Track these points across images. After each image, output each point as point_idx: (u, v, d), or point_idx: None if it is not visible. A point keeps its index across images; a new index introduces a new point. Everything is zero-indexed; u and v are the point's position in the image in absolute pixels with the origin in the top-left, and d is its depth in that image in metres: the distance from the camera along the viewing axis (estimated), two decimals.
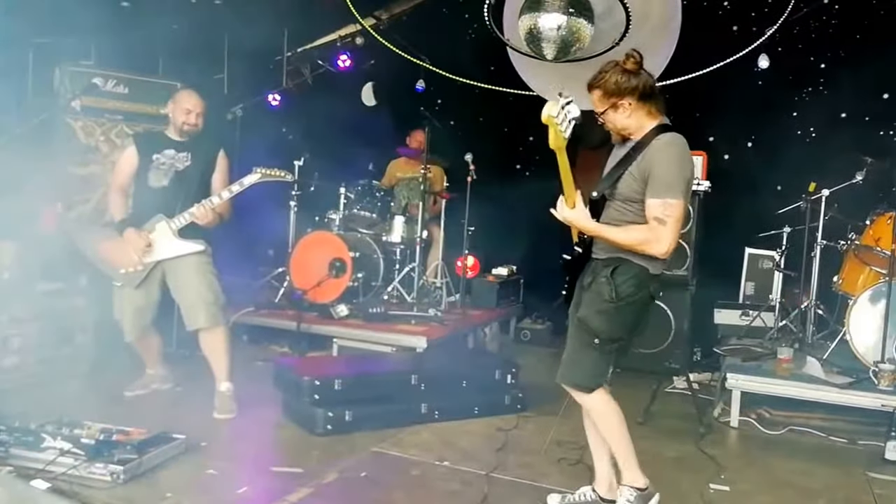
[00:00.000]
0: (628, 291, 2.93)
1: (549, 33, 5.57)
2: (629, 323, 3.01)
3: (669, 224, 2.81)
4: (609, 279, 2.94)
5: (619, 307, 2.94)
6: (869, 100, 6.20)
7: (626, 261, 2.95)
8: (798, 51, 6.44)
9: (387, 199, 6.91)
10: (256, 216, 6.29)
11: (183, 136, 4.48)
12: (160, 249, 4.36)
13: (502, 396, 4.65)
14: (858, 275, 5.36)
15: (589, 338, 2.98)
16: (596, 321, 2.96)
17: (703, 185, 5.86)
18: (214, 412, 4.29)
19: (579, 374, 3.04)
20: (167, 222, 4.34)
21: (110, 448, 3.30)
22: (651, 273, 2.96)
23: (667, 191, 2.82)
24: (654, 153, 2.87)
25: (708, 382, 5.44)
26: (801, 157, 6.07)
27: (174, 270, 4.39)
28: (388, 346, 5.49)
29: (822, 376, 4.61)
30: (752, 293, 6.54)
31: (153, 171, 4.41)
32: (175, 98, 4.52)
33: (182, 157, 4.45)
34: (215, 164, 4.54)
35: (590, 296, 3.01)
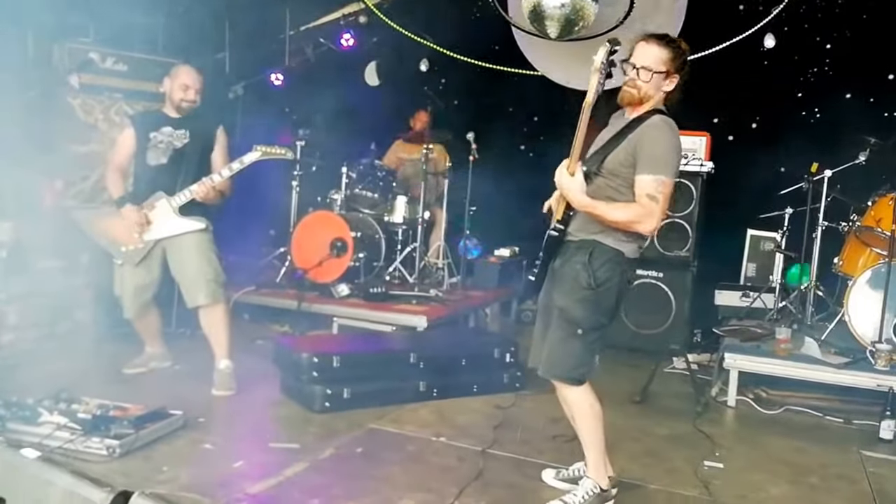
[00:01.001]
0: (606, 276, 2.93)
1: (553, 11, 5.52)
2: (610, 308, 2.99)
3: (660, 202, 2.81)
4: (586, 265, 2.92)
5: (599, 293, 2.93)
6: (874, 80, 6.16)
7: (599, 244, 2.94)
8: (804, 30, 6.38)
9: (389, 179, 6.90)
10: (258, 196, 6.30)
11: (181, 112, 4.46)
12: (160, 227, 4.36)
13: (501, 375, 4.66)
14: (859, 256, 5.35)
15: (572, 328, 2.95)
16: (577, 310, 2.94)
17: (707, 165, 5.84)
18: (213, 389, 4.30)
19: (565, 367, 3.00)
20: (167, 200, 4.34)
21: (107, 423, 3.31)
22: (626, 257, 2.96)
23: (662, 168, 2.82)
24: (649, 130, 2.88)
25: (707, 363, 5.44)
26: (804, 138, 6.04)
27: (174, 248, 4.40)
28: (389, 326, 5.49)
29: (820, 356, 4.62)
30: (754, 274, 6.54)
31: (151, 149, 4.40)
32: (172, 74, 4.48)
33: (180, 134, 4.43)
34: (214, 141, 4.52)
35: (566, 283, 2.99)
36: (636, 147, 2.87)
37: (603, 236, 2.94)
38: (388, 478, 3.27)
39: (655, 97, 2.96)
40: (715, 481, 3.42)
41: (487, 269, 6.96)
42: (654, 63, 2.91)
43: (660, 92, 2.96)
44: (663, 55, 2.92)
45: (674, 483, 3.39)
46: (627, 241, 2.95)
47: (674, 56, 2.93)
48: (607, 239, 2.94)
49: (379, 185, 6.80)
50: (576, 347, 2.97)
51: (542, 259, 3.07)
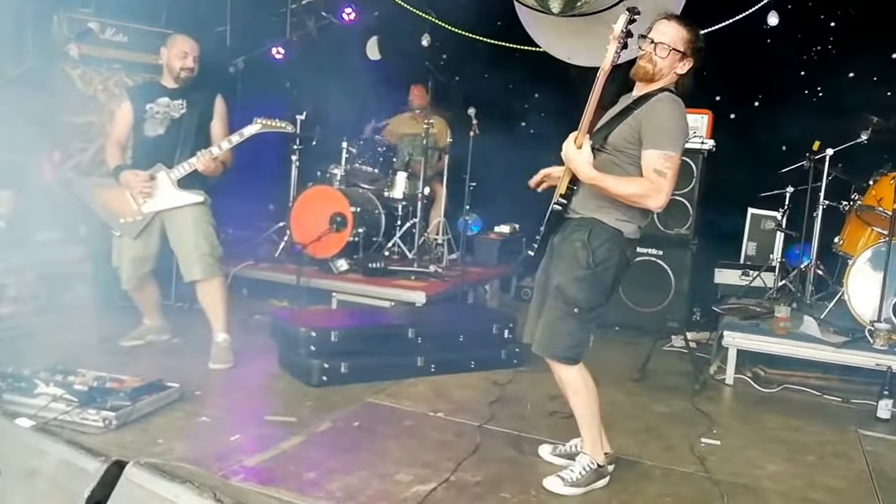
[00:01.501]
0: (604, 255, 2.90)
1: None
2: (608, 288, 2.97)
3: (669, 176, 2.78)
4: (585, 243, 2.90)
5: (597, 272, 2.91)
6: (877, 59, 6.11)
7: (599, 223, 2.92)
8: (808, 8, 6.34)
9: (389, 155, 6.87)
10: (258, 170, 6.27)
11: (179, 82, 4.42)
12: (159, 199, 4.34)
13: (499, 351, 4.66)
14: (860, 235, 5.34)
15: (568, 307, 2.93)
16: (574, 289, 2.92)
17: (708, 143, 5.79)
18: (210, 362, 4.30)
19: (561, 346, 2.98)
20: (166, 172, 4.32)
21: (103, 395, 3.32)
22: (626, 237, 2.93)
23: (669, 143, 2.79)
24: (657, 104, 2.85)
25: (706, 342, 5.43)
26: (807, 117, 5.98)
27: (172, 221, 4.38)
28: (387, 301, 5.50)
29: (819, 335, 4.61)
30: (754, 253, 6.53)
31: (149, 120, 4.37)
32: (168, 44, 4.45)
33: (177, 104, 4.40)
34: (213, 111, 4.49)
35: (564, 261, 2.96)
36: (641, 122, 2.84)
37: (603, 214, 2.92)
38: (384, 452, 3.27)
39: (668, 77, 2.93)
40: (711, 458, 3.42)
41: (487, 245, 6.95)
42: (673, 41, 2.89)
43: (673, 72, 2.93)
44: (683, 34, 2.90)
45: (671, 460, 3.39)
46: (627, 220, 2.92)
47: (692, 38, 2.91)
48: (607, 217, 2.91)
49: (379, 160, 6.77)
50: (571, 326, 2.95)
51: (542, 234, 3.04)
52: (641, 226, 3.00)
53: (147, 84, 4.64)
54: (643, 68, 2.93)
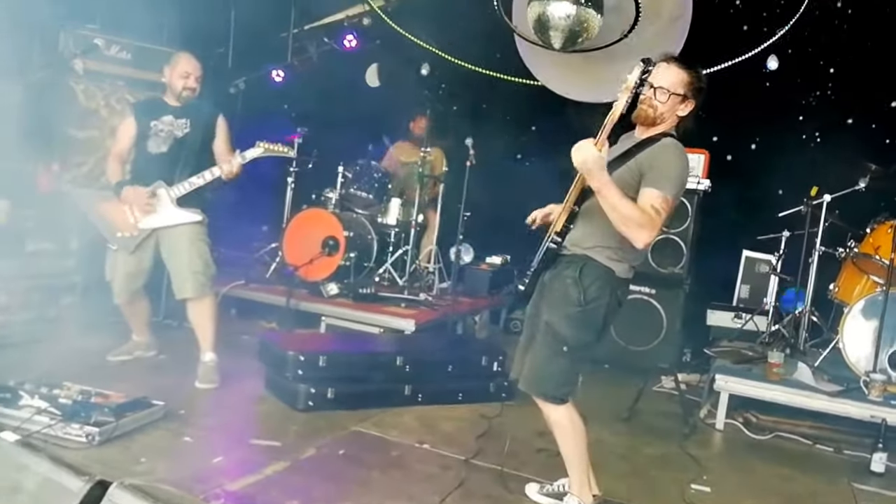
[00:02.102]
0: (595, 294, 2.86)
1: (559, 21, 5.52)
2: (598, 327, 2.92)
3: (662, 218, 2.74)
4: (577, 281, 2.86)
5: (587, 310, 2.86)
6: (876, 107, 6.15)
7: (591, 260, 2.88)
8: (808, 54, 6.36)
9: (384, 181, 6.86)
10: (253, 190, 6.24)
11: (181, 101, 4.43)
12: (158, 216, 4.35)
13: (487, 384, 4.60)
14: (855, 283, 5.31)
15: (558, 345, 2.88)
16: (564, 327, 2.87)
17: (704, 183, 5.80)
18: (196, 381, 4.26)
19: (549, 384, 2.92)
20: (166, 190, 4.33)
21: (87, 410, 3.28)
22: (617, 276, 2.90)
23: (668, 186, 2.76)
24: (661, 149, 2.84)
25: (696, 384, 5.38)
26: (804, 161, 6.02)
27: (168, 238, 4.37)
28: (377, 328, 5.44)
29: (812, 383, 4.57)
30: (747, 296, 6.50)
31: (152, 137, 4.38)
32: (172, 63, 4.46)
33: (181, 123, 4.41)
34: (215, 130, 4.51)
35: (554, 297, 2.92)
36: (643, 166, 2.81)
37: (595, 252, 2.89)
38: (368, 482, 3.21)
39: (669, 120, 2.92)
40: None
41: (478, 276, 6.91)
42: (673, 85, 2.88)
43: (674, 115, 2.92)
44: (683, 78, 2.89)
45: None
46: (619, 260, 2.89)
47: (692, 81, 2.90)
48: (599, 256, 2.88)
49: (374, 186, 6.75)
50: (560, 365, 2.90)
51: (534, 269, 2.99)
52: (633, 265, 2.97)
53: (151, 100, 4.63)
54: (644, 113, 2.91)
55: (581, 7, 5.42)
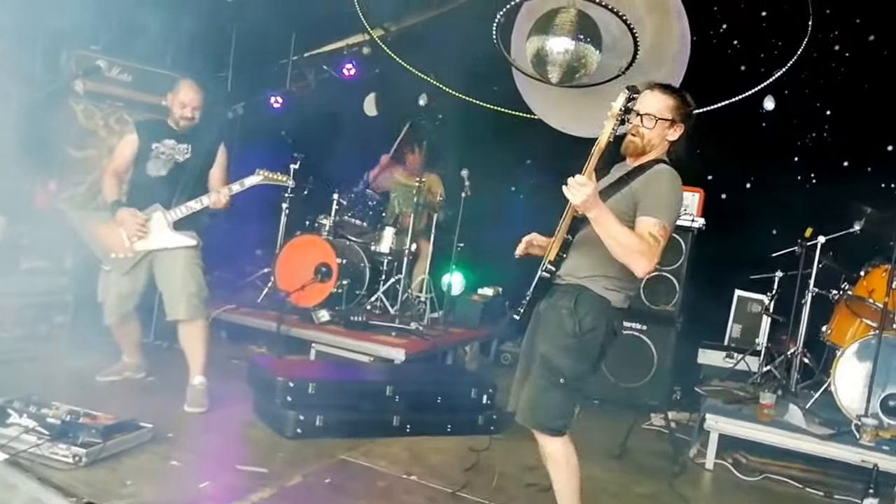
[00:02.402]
0: (591, 324, 2.83)
1: (557, 56, 5.57)
2: (594, 358, 2.89)
3: (661, 245, 2.72)
4: (572, 311, 2.83)
5: (583, 341, 2.83)
6: (872, 150, 6.18)
7: (586, 290, 2.85)
8: (804, 95, 6.42)
9: (379, 209, 6.87)
10: (248, 215, 6.23)
11: (179, 128, 4.45)
12: (153, 239, 4.34)
13: (476, 416, 4.56)
14: (848, 326, 5.29)
15: (554, 377, 2.84)
16: (560, 358, 2.84)
17: (698, 222, 5.81)
18: (185, 405, 4.23)
19: (546, 416, 2.88)
20: (163, 213, 4.34)
21: (75, 430, 3.25)
22: (613, 306, 2.87)
23: (664, 214, 2.75)
24: (654, 175, 2.82)
25: (686, 422, 5.35)
26: (799, 202, 6.04)
27: (162, 260, 4.37)
28: (367, 356, 5.41)
29: (804, 426, 4.53)
30: (739, 336, 6.48)
31: (153, 160, 4.40)
32: (174, 90, 4.49)
33: (182, 148, 4.43)
34: (215, 158, 4.53)
35: (550, 329, 2.89)
36: (637, 193, 2.80)
37: (591, 282, 2.86)
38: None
39: (659, 147, 2.91)
40: None
41: (470, 306, 6.88)
42: (659, 111, 2.88)
43: (664, 141, 2.91)
44: (668, 102, 2.89)
45: None
46: (615, 289, 2.87)
47: (678, 104, 2.90)
48: (595, 286, 2.86)
49: (368, 213, 6.78)
50: (557, 397, 2.86)
51: (528, 300, 2.95)
52: (630, 295, 2.94)
53: (155, 121, 4.63)
54: (632, 143, 2.92)
55: (580, 43, 5.47)
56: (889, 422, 4.51)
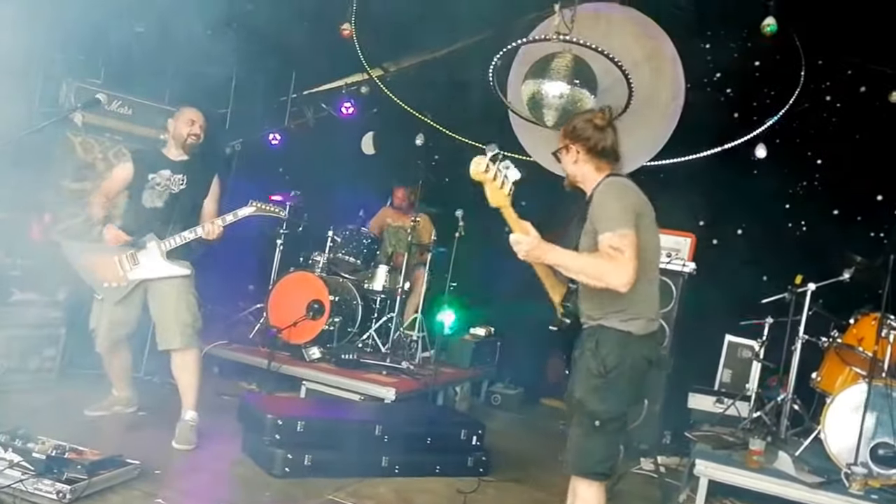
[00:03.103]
0: (615, 361, 2.81)
1: (552, 100, 5.62)
2: (627, 394, 2.85)
3: (628, 253, 2.72)
4: (595, 351, 2.84)
5: (610, 380, 2.80)
6: (862, 200, 6.25)
7: (605, 329, 2.86)
8: (796, 145, 6.52)
9: (373, 247, 6.89)
10: (242, 249, 6.26)
11: (185, 149, 4.51)
12: (147, 268, 4.37)
13: (466, 458, 4.54)
14: (838, 374, 5.30)
15: (590, 421, 2.82)
16: (592, 401, 2.83)
17: (689, 266, 5.85)
18: (174, 441, 4.21)
19: (589, 462, 2.85)
20: (157, 243, 4.36)
21: (61, 466, 3.22)
22: (636, 336, 2.84)
23: (614, 222, 2.77)
24: (596, 196, 2.91)
25: (676, 467, 5.33)
26: (789, 249, 6.10)
27: (155, 289, 4.39)
28: (357, 395, 5.39)
29: (793, 473, 4.52)
30: (729, 381, 6.46)
31: (148, 190, 4.44)
32: (176, 115, 4.57)
33: (178, 178, 4.47)
34: (209, 189, 4.57)
35: (579, 373, 2.90)
36: (592, 219, 2.86)
37: (606, 320, 2.87)
38: None
39: (584, 173, 3.01)
40: None
41: (461, 346, 6.88)
42: (560, 143, 3.04)
43: (586, 165, 3.00)
44: (565, 132, 3.05)
45: None
46: (632, 318, 2.85)
47: (572, 130, 3.02)
48: (611, 322, 2.86)
49: (362, 251, 6.79)
50: (596, 440, 2.84)
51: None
52: (652, 317, 2.90)
53: (151, 152, 4.70)
54: (567, 179, 3.07)
55: (575, 87, 5.53)
56: (878, 471, 4.48)
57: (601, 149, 2.98)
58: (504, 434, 5.43)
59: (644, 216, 2.88)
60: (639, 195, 2.94)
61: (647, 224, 2.88)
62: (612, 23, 5.92)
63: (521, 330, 6.60)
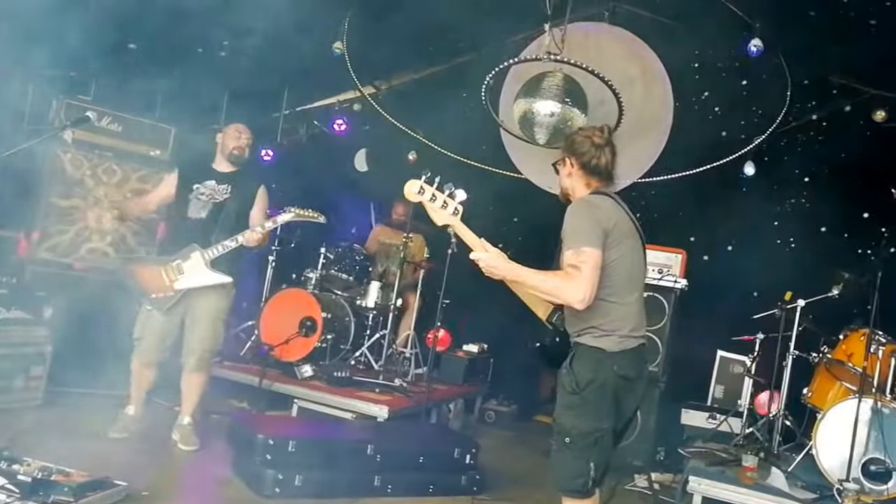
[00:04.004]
0: (588, 377, 2.81)
1: (544, 119, 5.66)
2: (601, 411, 2.83)
3: (585, 271, 2.74)
4: (569, 369, 2.86)
5: (584, 396, 2.80)
6: (849, 217, 6.32)
7: (580, 345, 2.89)
8: (784, 162, 6.60)
9: (365, 264, 6.89)
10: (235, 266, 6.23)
11: (231, 159, 4.62)
12: (191, 277, 4.47)
13: (459, 476, 4.51)
14: (828, 389, 5.32)
15: (561, 438, 2.85)
16: (565, 417, 2.85)
17: (681, 283, 5.87)
18: (179, 444, 4.40)
19: (562, 478, 2.88)
20: (201, 253, 4.45)
21: (47, 488, 3.18)
22: (609, 352, 2.84)
23: (577, 240, 2.80)
24: (566, 215, 2.93)
25: (669, 484, 5.32)
26: (779, 266, 6.12)
27: (195, 307, 4.53)
28: (349, 413, 5.35)
29: (786, 489, 4.53)
30: (721, 396, 6.48)
31: (193, 201, 4.54)
32: (224, 129, 4.73)
33: (222, 189, 4.58)
34: (255, 199, 4.68)
35: (559, 390, 2.92)
36: (561, 234, 2.90)
37: (581, 337, 2.89)
38: None
39: (573, 187, 3.07)
40: None
41: (454, 363, 6.87)
42: (559, 157, 3.10)
43: (577, 180, 3.06)
44: (564, 145, 3.12)
45: None
46: (604, 334, 2.85)
47: (570, 144, 3.08)
48: (585, 339, 2.88)
49: (355, 268, 6.79)
50: (566, 457, 2.85)
51: None
52: (627, 334, 2.88)
53: (199, 163, 4.78)
54: (561, 192, 3.13)
55: (566, 106, 5.57)
56: (870, 486, 4.49)
57: (594, 166, 3.01)
58: (498, 452, 5.41)
59: (615, 234, 2.88)
60: (611, 213, 2.92)
61: (619, 241, 2.89)
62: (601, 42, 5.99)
63: (514, 347, 6.60)
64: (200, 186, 4.56)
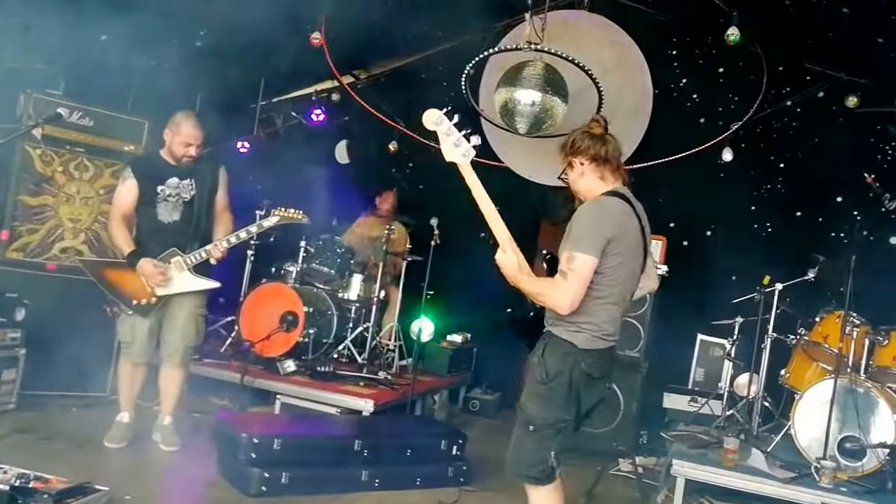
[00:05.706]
0: (557, 369, 2.85)
1: (524, 108, 5.65)
2: (564, 403, 2.88)
3: (570, 278, 2.77)
4: (540, 358, 2.90)
5: (551, 387, 2.86)
6: (823, 201, 6.43)
7: (553, 336, 2.91)
8: (760, 149, 6.68)
9: (346, 256, 6.84)
10: None
11: (180, 164, 4.48)
12: (174, 284, 4.40)
13: (446, 468, 4.53)
14: (805, 370, 5.43)
15: (525, 425, 2.91)
16: (530, 405, 2.91)
17: (661, 268, 5.90)
18: (161, 444, 4.36)
19: (520, 465, 2.94)
20: (182, 258, 4.38)
21: (25, 495, 3.13)
22: (579, 348, 2.86)
23: (574, 245, 2.81)
24: (575, 213, 2.93)
25: (653, 467, 5.39)
26: (757, 250, 6.21)
27: (173, 304, 4.45)
28: (334, 408, 5.32)
29: (766, 469, 4.60)
30: (702, 379, 6.56)
31: (161, 204, 4.41)
32: (173, 127, 4.47)
33: (186, 184, 4.47)
34: (217, 184, 4.60)
35: (528, 377, 2.96)
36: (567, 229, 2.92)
37: (555, 328, 2.92)
38: None
39: (588, 185, 3.04)
40: None
41: (438, 354, 6.88)
42: (563, 163, 3.09)
43: (591, 176, 3.02)
44: (564, 149, 3.08)
45: None
46: (576, 330, 2.87)
47: (571, 144, 3.05)
48: (558, 330, 2.90)
49: (336, 261, 6.73)
50: (528, 444, 2.91)
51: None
52: (600, 335, 2.89)
53: (149, 159, 4.66)
54: (574, 194, 3.11)
55: (547, 95, 5.57)
56: (846, 463, 4.61)
57: (603, 155, 2.99)
58: (484, 441, 5.44)
59: (618, 244, 2.87)
60: (620, 220, 2.91)
61: (619, 251, 2.88)
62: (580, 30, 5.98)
63: (497, 335, 6.61)
64: (165, 188, 4.41)
